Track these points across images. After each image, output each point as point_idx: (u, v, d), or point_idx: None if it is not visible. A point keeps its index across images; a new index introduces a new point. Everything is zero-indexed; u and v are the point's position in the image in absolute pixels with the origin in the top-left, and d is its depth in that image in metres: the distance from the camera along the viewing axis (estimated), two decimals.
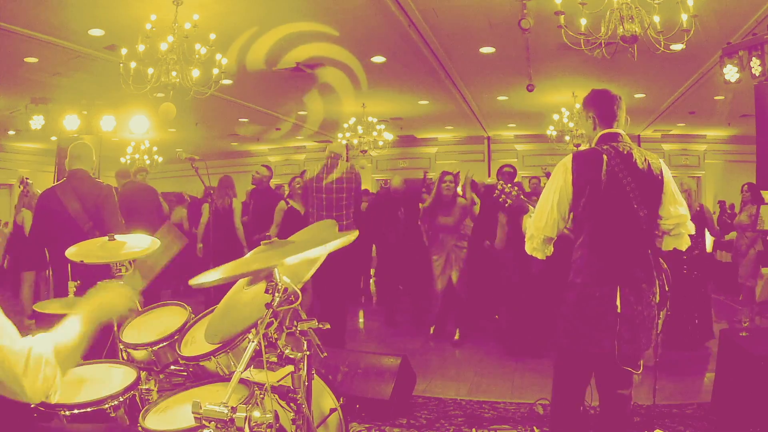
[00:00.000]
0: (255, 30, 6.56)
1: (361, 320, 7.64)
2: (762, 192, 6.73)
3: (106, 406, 2.18)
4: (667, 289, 2.54)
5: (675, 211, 2.54)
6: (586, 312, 2.46)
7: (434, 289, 5.91)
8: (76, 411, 2.12)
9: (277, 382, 2.10)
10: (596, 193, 2.45)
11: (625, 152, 2.49)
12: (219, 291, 2.39)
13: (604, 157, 2.46)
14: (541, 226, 2.59)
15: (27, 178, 5.71)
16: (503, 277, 5.57)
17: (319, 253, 1.82)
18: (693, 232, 2.61)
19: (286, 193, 9.95)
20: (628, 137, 2.59)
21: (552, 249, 2.63)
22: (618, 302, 2.41)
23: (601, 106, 2.63)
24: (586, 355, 2.49)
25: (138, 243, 3.18)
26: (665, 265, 2.59)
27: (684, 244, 2.60)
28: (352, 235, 1.97)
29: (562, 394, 2.64)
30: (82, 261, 2.98)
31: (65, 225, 3.93)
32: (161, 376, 2.67)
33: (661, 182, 2.52)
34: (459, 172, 7.98)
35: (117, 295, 1.83)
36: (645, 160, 2.51)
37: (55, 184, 4.26)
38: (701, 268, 5.67)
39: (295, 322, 1.95)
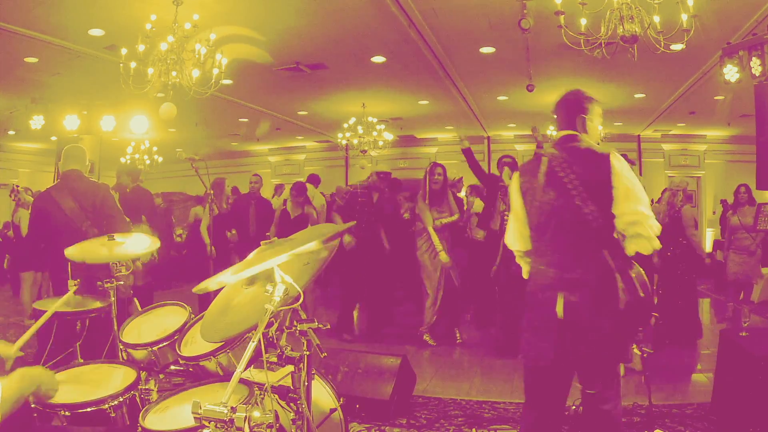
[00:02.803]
0: (255, 29, 6.57)
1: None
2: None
3: (106, 406, 2.19)
4: (642, 294, 2.25)
5: (628, 208, 2.26)
6: (531, 320, 2.37)
7: (425, 288, 5.87)
8: (76, 411, 2.13)
9: (277, 382, 2.10)
10: (535, 194, 2.41)
11: (573, 152, 2.39)
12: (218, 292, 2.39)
13: (544, 159, 2.42)
14: (510, 240, 2.58)
15: (17, 186, 5.72)
16: (493, 277, 5.58)
17: (315, 246, 1.82)
18: (654, 233, 2.28)
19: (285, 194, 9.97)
20: (587, 138, 2.49)
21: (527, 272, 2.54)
22: (559, 308, 2.26)
23: (556, 112, 2.62)
24: (534, 368, 2.37)
25: (138, 243, 3.18)
26: (640, 269, 2.34)
27: (646, 246, 2.29)
28: (344, 226, 1.98)
29: (531, 409, 2.48)
30: (83, 261, 2.99)
31: (62, 225, 3.93)
32: (161, 376, 2.68)
33: (609, 179, 2.29)
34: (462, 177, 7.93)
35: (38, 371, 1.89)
36: (595, 158, 2.35)
37: (50, 186, 4.25)
38: (687, 267, 5.65)
39: (295, 323, 1.95)
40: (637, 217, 2.26)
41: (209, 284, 1.87)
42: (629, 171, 2.33)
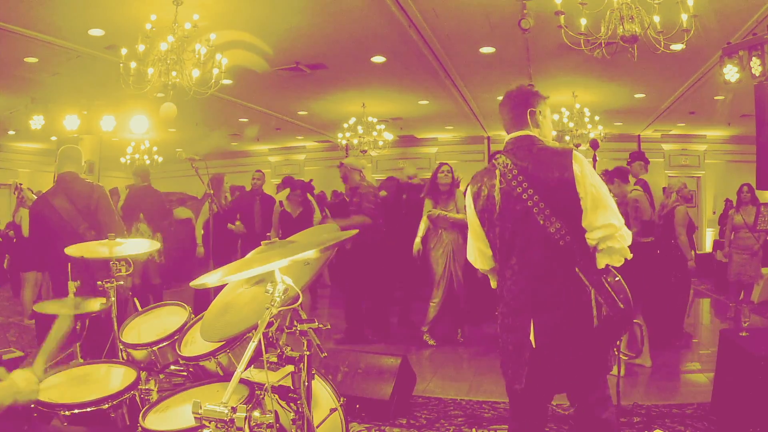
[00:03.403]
0: (255, 29, 6.57)
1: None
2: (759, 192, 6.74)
3: (106, 406, 2.19)
4: (621, 306, 2.12)
5: (598, 222, 2.10)
6: (506, 345, 2.27)
7: (431, 285, 5.88)
8: (76, 411, 2.13)
9: (277, 382, 2.10)
10: (493, 214, 2.24)
11: (529, 158, 2.19)
12: (219, 291, 2.39)
13: (497, 172, 2.23)
14: (471, 258, 2.44)
15: (20, 184, 5.76)
16: None
17: (314, 254, 1.81)
18: (625, 244, 2.14)
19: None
20: (543, 138, 2.31)
21: (495, 283, 2.42)
22: (532, 337, 2.14)
23: (501, 113, 2.39)
24: (511, 391, 2.31)
25: (137, 244, 3.19)
26: (617, 275, 2.20)
27: (617, 260, 2.14)
28: (347, 233, 1.98)
29: (515, 420, 2.42)
30: (82, 257, 3.00)
31: (60, 228, 3.92)
32: (161, 376, 2.68)
33: (572, 187, 2.10)
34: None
35: (20, 381, 1.82)
36: (553, 162, 2.16)
37: (47, 190, 4.26)
38: (674, 269, 5.61)
39: (295, 323, 1.95)
40: (608, 231, 2.10)
41: (207, 280, 1.85)
42: (593, 174, 2.15)
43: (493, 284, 2.49)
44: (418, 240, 5.88)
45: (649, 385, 4.49)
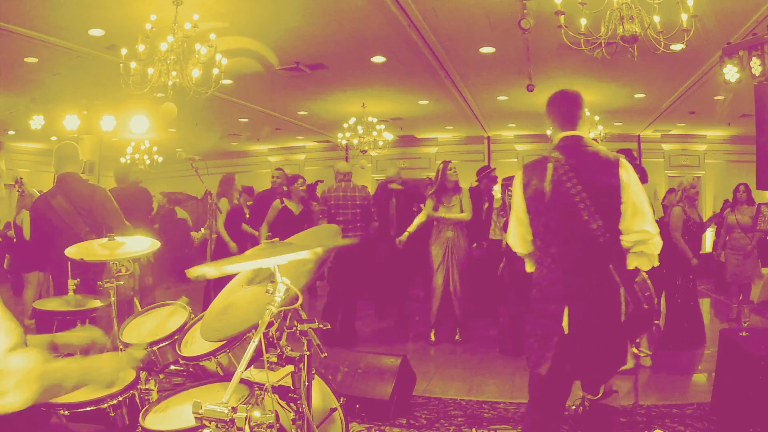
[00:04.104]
0: (255, 30, 6.57)
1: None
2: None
3: (106, 405, 2.18)
4: (645, 306, 2.31)
5: (635, 227, 2.28)
6: (535, 330, 2.39)
7: (432, 284, 5.88)
8: (76, 410, 2.12)
9: (277, 382, 2.10)
10: (541, 204, 2.37)
11: (580, 158, 2.36)
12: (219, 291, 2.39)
13: (550, 165, 2.37)
14: (512, 242, 2.57)
15: (21, 178, 5.73)
16: (500, 275, 5.56)
17: (308, 255, 1.81)
18: (657, 251, 2.32)
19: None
20: (591, 140, 2.48)
21: (533, 267, 2.54)
22: (565, 323, 2.27)
23: (555, 110, 2.53)
24: (536, 373, 2.40)
25: (138, 243, 3.19)
26: (644, 275, 2.39)
27: (646, 264, 2.33)
28: (348, 240, 1.98)
29: (533, 409, 2.51)
30: (81, 259, 2.99)
31: (62, 231, 3.90)
32: (161, 376, 2.68)
33: (618, 191, 2.29)
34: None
35: (109, 365, 1.74)
36: (603, 166, 2.33)
37: (47, 191, 4.22)
38: (684, 269, 5.56)
39: (295, 323, 1.95)
40: (643, 236, 2.28)
41: (206, 270, 1.81)
42: (636, 182, 2.32)
43: (529, 268, 2.59)
44: (406, 234, 5.94)
45: (649, 385, 4.49)
